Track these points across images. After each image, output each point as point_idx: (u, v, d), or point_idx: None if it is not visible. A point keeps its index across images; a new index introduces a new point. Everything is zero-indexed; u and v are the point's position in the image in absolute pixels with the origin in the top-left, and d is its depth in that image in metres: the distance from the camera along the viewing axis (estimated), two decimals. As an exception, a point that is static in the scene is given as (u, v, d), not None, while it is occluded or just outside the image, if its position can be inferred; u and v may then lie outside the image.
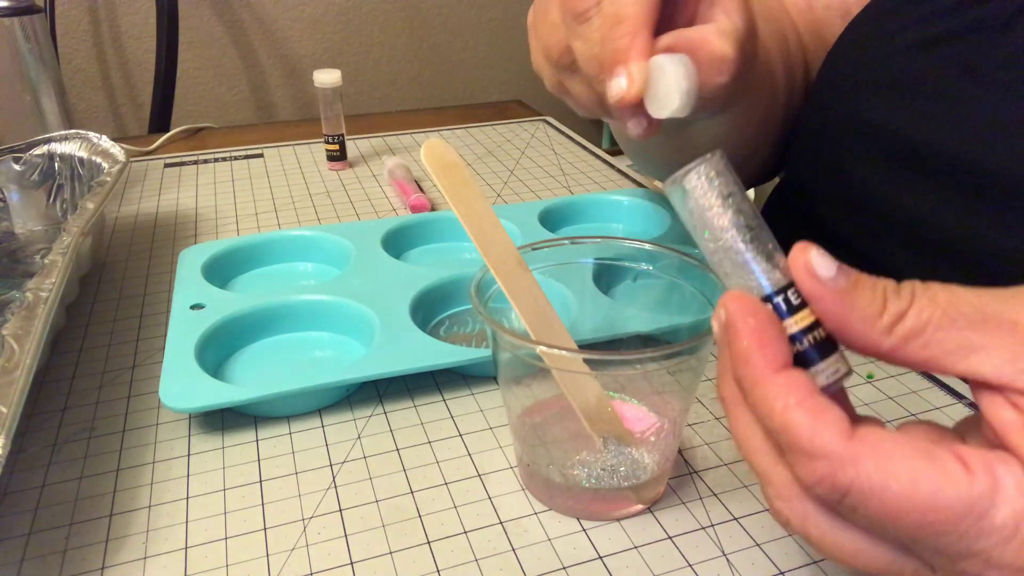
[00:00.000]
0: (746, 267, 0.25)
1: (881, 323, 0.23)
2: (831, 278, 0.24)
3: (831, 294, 0.24)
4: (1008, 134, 0.40)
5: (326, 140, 0.78)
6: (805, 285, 0.24)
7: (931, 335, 0.23)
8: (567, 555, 0.33)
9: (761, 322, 0.24)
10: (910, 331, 0.23)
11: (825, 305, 0.24)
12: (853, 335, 0.24)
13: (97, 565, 0.33)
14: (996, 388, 0.23)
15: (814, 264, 0.24)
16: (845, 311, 0.24)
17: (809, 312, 0.25)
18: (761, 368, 0.24)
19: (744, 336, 0.24)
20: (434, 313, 0.49)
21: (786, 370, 0.24)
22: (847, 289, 0.24)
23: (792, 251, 0.24)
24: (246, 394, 0.39)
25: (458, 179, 0.37)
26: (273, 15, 1.82)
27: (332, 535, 0.34)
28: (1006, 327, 0.23)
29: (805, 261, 0.24)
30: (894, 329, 0.23)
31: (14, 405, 0.33)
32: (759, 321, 0.24)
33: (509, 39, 2.07)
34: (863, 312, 0.23)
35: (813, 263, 0.24)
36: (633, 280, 0.39)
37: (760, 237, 0.25)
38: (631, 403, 0.37)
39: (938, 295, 0.23)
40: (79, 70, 1.72)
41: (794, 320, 0.25)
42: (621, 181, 0.75)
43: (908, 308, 0.23)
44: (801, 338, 0.25)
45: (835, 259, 0.24)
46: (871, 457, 0.22)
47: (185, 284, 0.49)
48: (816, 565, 0.32)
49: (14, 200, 0.62)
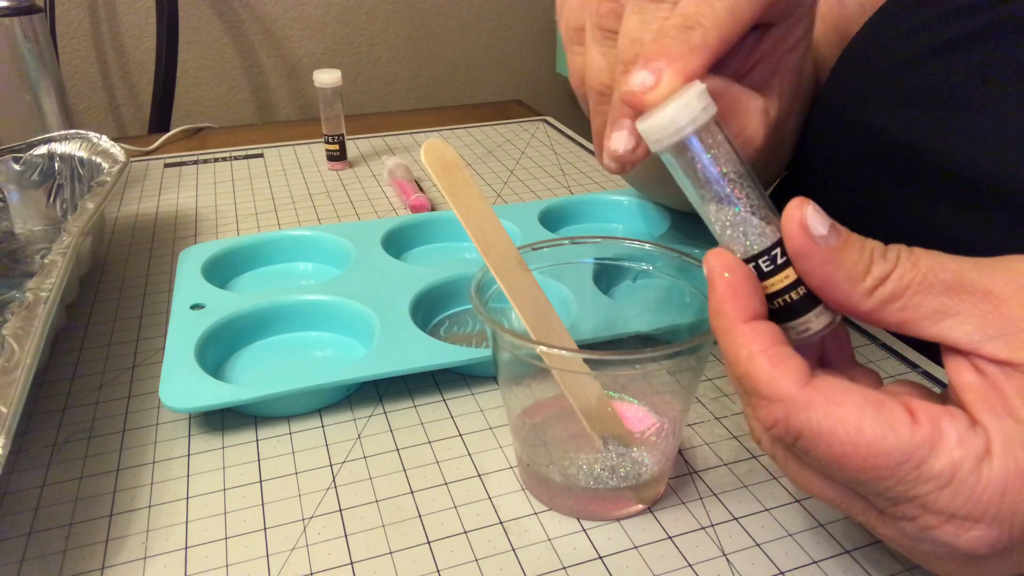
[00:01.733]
0: (735, 226, 0.26)
1: (864, 285, 0.24)
2: (823, 236, 0.25)
3: (820, 252, 0.24)
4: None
5: (326, 140, 0.78)
6: (796, 241, 0.25)
7: (909, 299, 0.24)
8: (567, 555, 0.33)
9: (736, 278, 0.26)
10: (890, 294, 0.24)
11: (813, 262, 0.25)
12: (835, 294, 0.25)
13: (97, 565, 0.33)
14: (964, 353, 0.24)
15: (809, 221, 0.24)
16: (831, 270, 0.25)
17: (791, 271, 0.26)
18: (731, 318, 0.26)
19: (718, 290, 0.26)
20: (434, 313, 0.49)
21: (754, 321, 0.25)
22: (837, 248, 0.25)
23: (788, 205, 0.25)
24: (246, 394, 0.39)
25: (458, 179, 0.37)
26: (273, 15, 1.82)
27: (332, 535, 0.34)
28: (979, 295, 0.24)
29: (800, 217, 0.25)
30: (875, 292, 0.24)
31: (14, 405, 0.33)
32: (734, 277, 0.26)
33: (509, 39, 2.07)
34: (848, 272, 0.24)
35: (808, 220, 0.24)
36: (633, 280, 0.39)
37: (751, 196, 0.26)
38: (631, 403, 0.37)
39: (921, 260, 0.25)
40: (79, 70, 1.72)
41: (777, 280, 0.26)
42: (621, 181, 0.75)
43: (891, 272, 0.24)
44: (780, 296, 0.26)
45: (829, 217, 0.25)
46: (822, 404, 0.24)
47: (185, 284, 0.49)
48: (816, 565, 0.32)
49: (14, 200, 0.62)
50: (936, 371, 0.44)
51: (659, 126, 0.26)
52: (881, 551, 0.33)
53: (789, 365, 0.25)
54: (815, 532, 0.34)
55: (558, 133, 0.90)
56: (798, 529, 0.34)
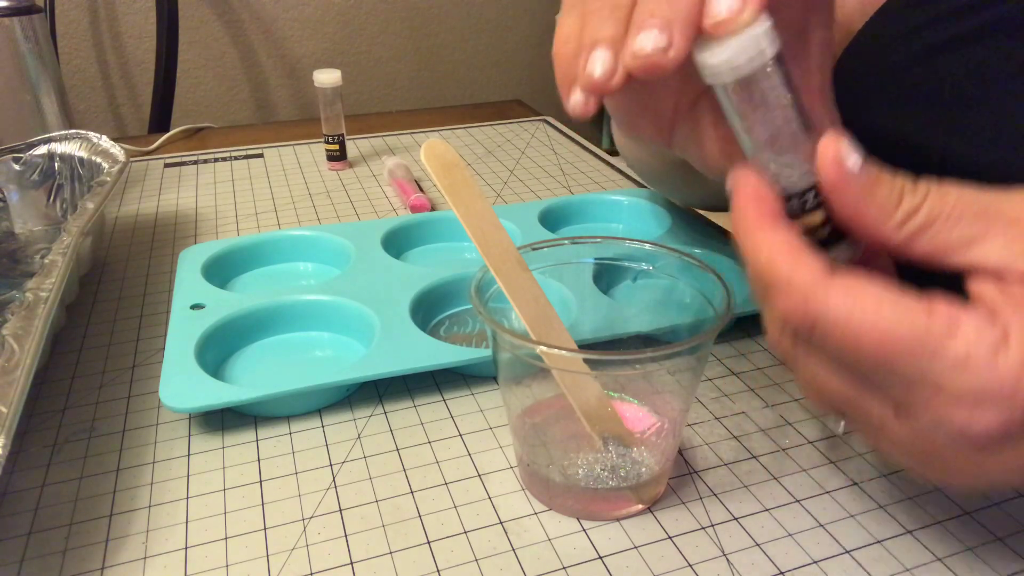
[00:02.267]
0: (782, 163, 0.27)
1: (894, 218, 0.25)
2: (856, 170, 0.25)
3: (854, 185, 0.25)
4: None
5: (326, 140, 0.78)
6: (831, 174, 0.25)
7: (938, 229, 0.25)
8: (567, 555, 0.33)
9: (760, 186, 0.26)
10: (920, 226, 0.25)
11: (847, 195, 0.25)
12: (866, 226, 0.26)
13: (97, 565, 0.33)
14: (990, 273, 0.25)
15: (844, 155, 0.25)
16: (863, 203, 0.25)
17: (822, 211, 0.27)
18: (753, 218, 0.26)
19: (742, 195, 0.26)
20: (434, 313, 0.49)
21: (776, 221, 0.26)
22: (869, 182, 0.25)
23: (822, 141, 0.26)
24: (246, 394, 0.39)
25: (458, 179, 0.37)
26: (273, 15, 1.82)
27: (332, 535, 0.34)
28: (1008, 220, 0.25)
29: (836, 151, 0.25)
30: (905, 224, 0.25)
31: (14, 405, 0.33)
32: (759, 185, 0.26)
33: (509, 39, 2.07)
34: (880, 206, 0.25)
35: (843, 153, 0.25)
36: (633, 280, 0.39)
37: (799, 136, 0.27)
38: (631, 403, 0.37)
39: (949, 192, 0.25)
40: (79, 70, 1.72)
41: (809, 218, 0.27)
42: (621, 181, 0.75)
43: (921, 204, 0.25)
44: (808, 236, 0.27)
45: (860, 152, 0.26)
46: (841, 291, 0.24)
47: (185, 284, 0.49)
48: (816, 565, 0.32)
49: (14, 200, 0.62)
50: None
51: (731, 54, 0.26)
52: (881, 551, 0.33)
53: (809, 258, 0.25)
54: (815, 532, 0.34)
55: (558, 133, 0.90)
56: (798, 529, 0.34)
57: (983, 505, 0.35)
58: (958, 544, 0.33)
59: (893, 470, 0.37)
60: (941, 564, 0.32)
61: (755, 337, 0.48)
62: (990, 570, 0.32)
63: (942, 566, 0.32)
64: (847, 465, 0.37)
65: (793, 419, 0.41)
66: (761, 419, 0.41)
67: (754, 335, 0.48)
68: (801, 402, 0.42)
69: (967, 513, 0.34)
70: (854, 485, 0.36)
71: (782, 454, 0.38)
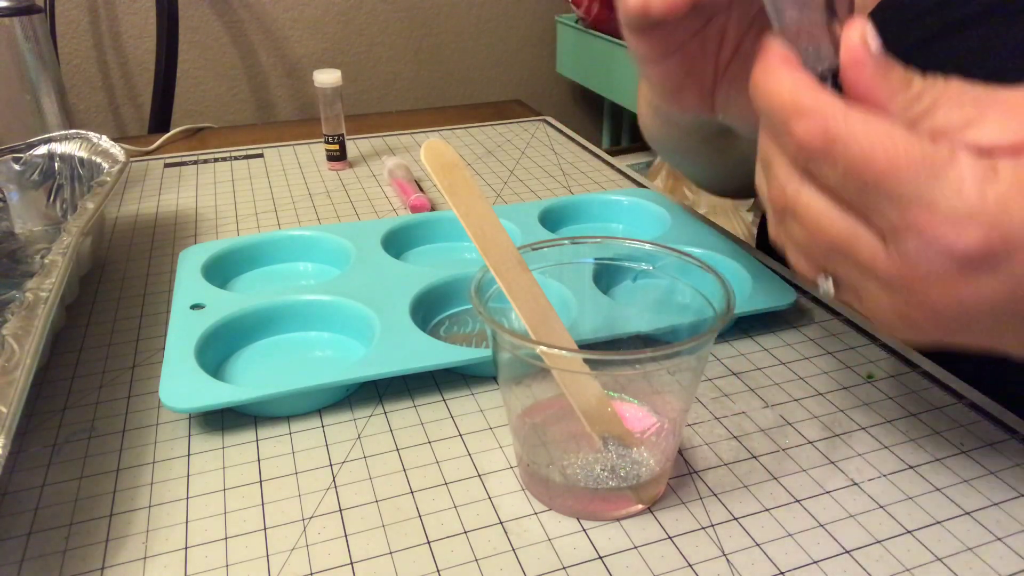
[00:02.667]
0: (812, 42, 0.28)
1: (904, 97, 0.27)
2: (875, 51, 0.27)
3: (871, 65, 0.27)
4: None
5: (326, 140, 0.78)
6: (854, 50, 0.27)
7: (940, 110, 0.27)
8: (567, 555, 0.33)
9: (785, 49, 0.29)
10: (925, 108, 0.27)
11: (863, 72, 0.27)
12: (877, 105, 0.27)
13: (97, 565, 0.33)
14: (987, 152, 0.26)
15: (868, 35, 0.27)
16: (876, 82, 0.27)
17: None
18: (779, 63, 0.28)
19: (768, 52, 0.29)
20: (434, 313, 0.49)
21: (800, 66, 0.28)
22: (885, 65, 0.27)
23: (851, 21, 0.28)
24: (246, 394, 0.39)
25: (458, 179, 0.37)
26: (273, 15, 1.82)
27: (332, 535, 0.34)
28: (1005, 103, 0.27)
29: (862, 31, 0.27)
30: (912, 105, 0.27)
31: (14, 405, 0.33)
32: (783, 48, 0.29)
33: (509, 39, 2.07)
34: (891, 87, 0.27)
35: (868, 34, 0.27)
36: (633, 280, 0.39)
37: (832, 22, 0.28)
38: (631, 403, 0.37)
39: (952, 82, 0.28)
40: (79, 70, 1.72)
41: None
42: (621, 181, 0.75)
43: (927, 89, 0.27)
44: None
45: None
46: (860, 117, 0.26)
47: (185, 284, 0.49)
48: (816, 565, 0.32)
49: (14, 200, 0.62)
50: (935, 371, 0.44)
51: None
52: (881, 551, 0.33)
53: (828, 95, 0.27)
54: (815, 532, 0.34)
55: (558, 133, 0.90)
56: (798, 529, 0.34)
57: (983, 505, 0.35)
58: (958, 544, 0.33)
59: (893, 470, 0.37)
60: (941, 564, 0.32)
61: (755, 337, 0.48)
62: (990, 570, 0.32)
63: (942, 566, 0.32)
64: (847, 465, 0.37)
65: (793, 419, 0.41)
66: (761, 419, 0.41)
67: (754, 335, 0.48)
68: (799, 402, 0.42)
69: (967, 513, 0.35)
70: (854, 485, 0.36)
71: (782, 454, 0.38)
